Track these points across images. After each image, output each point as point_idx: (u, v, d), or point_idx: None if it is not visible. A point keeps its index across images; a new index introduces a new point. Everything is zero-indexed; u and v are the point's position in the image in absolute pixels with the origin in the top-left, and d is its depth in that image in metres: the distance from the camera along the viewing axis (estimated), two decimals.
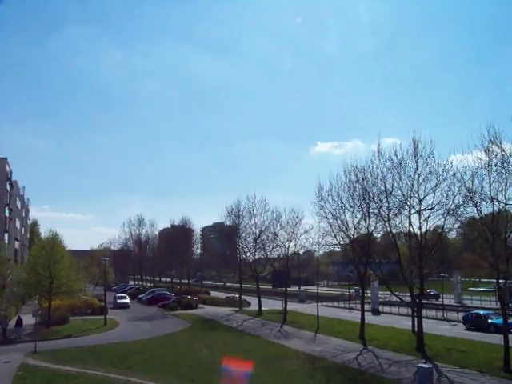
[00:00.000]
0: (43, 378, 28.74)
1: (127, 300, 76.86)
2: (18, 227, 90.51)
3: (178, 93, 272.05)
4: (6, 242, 65.88)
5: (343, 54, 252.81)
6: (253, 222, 64.79)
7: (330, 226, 44.50)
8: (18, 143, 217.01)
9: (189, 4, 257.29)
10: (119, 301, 75.43)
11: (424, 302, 41.08)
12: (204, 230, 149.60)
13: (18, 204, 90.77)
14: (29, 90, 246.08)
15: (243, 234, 67.37)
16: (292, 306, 62.79)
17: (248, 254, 67.39)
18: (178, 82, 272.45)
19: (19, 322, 46.45)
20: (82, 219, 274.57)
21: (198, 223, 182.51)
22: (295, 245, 59.54)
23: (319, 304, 54.50)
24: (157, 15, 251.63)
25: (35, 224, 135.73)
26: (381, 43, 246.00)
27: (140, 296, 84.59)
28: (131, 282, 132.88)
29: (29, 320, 48.68)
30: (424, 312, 41.76)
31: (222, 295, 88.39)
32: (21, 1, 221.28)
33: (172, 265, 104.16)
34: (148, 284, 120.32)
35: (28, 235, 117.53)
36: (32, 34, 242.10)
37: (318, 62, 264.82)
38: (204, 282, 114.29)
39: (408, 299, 39.78)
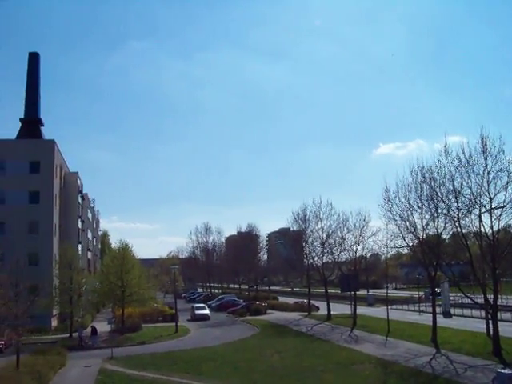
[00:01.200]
0: (121, 382, 29.73)
1: (207, 311, 69.38)
2: (90, 238, 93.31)
3: (238, 100, 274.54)
4: (80, 252, 67.92)
5: (402, 54, 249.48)
6: (319, 226, 64.62)
7: (398, 227, 43.75)
8: (87, 157, 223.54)
9: (243, 12, 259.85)
10: (198, 312, 68.18)
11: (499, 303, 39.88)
12: (270, 235, 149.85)
13: (90, 216, 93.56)
14: (93, 105, 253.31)
15: (310, 239, 67.24)
16: (361, 310, 62.19)
17: (316, 259, 67.19)
18: (237, 89, 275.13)
19: (94, 331, 47.89)
20: (149, 229, 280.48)
21: (264, 229, 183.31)
22: (363, 248, 58.98)
23: (388, 307, 53.80)
24: (213, 25, 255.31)
25: (105, 235, 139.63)
26: (442, 41, 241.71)
27: (209, 303, 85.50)
28: (200, 289, 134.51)
29: (104, 327, 50.12)
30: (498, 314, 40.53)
31: (290, 300, 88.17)
32: (82, 19, 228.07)
33: (239, 271, 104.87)
34: (216, 291, 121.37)
35: (99, 246, 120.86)
36: (94, 51, 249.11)
37: (376, 63, 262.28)
38: (271, 288, 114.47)
39: (481, 301, 38.77)
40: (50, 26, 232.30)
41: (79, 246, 70.15)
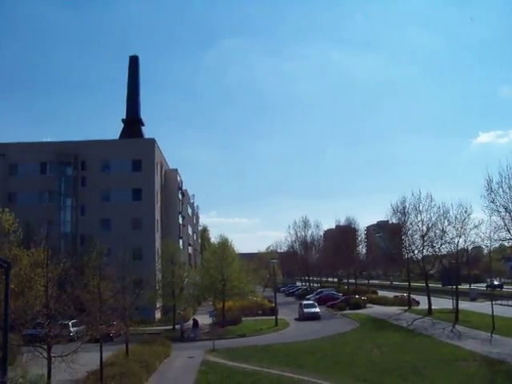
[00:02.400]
0: (223, 373, 30.36)
1: (317, 309, 61.44)
2: (190, 233, 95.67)
3: (331, 94, 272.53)
4: (181, 247, 69.84)
5: (500, 38, 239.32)
6: (419, 218, 63.22)
7: (502, 219, 42.28)
8: (185, 154, 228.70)
9: (334, 4, 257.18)
10: (307, 310, 60.94)
11: None
12: (368, 228, 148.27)
13: (189, 211, 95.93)
14: (190, 103, 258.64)
15: (409, 232, 66.03)
16: (462, 305, 60.45)
17: (415, 252, 65.95)
18: (330, 82, 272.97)
19: (196, 323, 49.23)
20: (248, 223, 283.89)
21: (362, 222, 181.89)
22: (465, 241, 57.24)
23: (493, 302, 52.01)
24: (304, 19, 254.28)
25: (205, 230, 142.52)
26: None
27: (308, 297, 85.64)
28: (298, 283, 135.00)
29: (204, 320, 51.40)
30: None
31: (390, 294, 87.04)
32: (176, 21, 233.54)
33: (338, 265, 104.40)
34: (315, 284, 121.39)
35: (199, 240, 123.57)
36: (189, 51, 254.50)
37: (473, 49, 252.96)
38: (370, 282, 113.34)
39: None
40: (147, 30, 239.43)
41: (180, 241, 72.08)
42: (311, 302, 66.65)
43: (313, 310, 60.93)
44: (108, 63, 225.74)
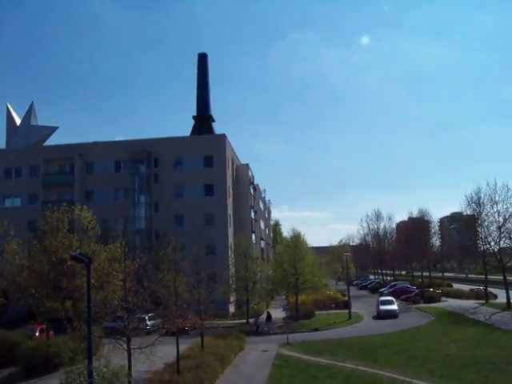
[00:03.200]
0: (297, 366, 30.61)
1: (394, 306, 56.75)
2: (263, 227, 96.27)
3: (400, 83, 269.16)
4: (254, 241, 70.42)
5: None
6: (495, 209, 61.46)
7: None
8: (256, 149, 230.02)
9: None
10: (383, 307, 56.19)
11: None
12: (442, 220, 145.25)
13: (261, 206, 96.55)
14: (259, 98, 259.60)
15: (485, 223, 64.27)
16: None
17: (492, 244, 64.13)
18: (398, 72, 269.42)
19: (269, 317, 49.62)
20: (319, 217, 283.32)
21: (436, 214, 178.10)
22: None
23: None
24: (370, 9, 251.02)
25: (277, 224, 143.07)
26: None
27: (381, 290, 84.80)
28: (371, 276, 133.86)
29: (278, 314, 51.74)
30: None
31: (465, 287, 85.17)
32: (243, 16, 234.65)
33: (411, 257, 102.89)
34: (388, 278, 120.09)
35: (271, 235, 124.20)
36: (256, 45, 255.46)
37: None
38: (445, 274, 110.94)
39: None
40: (214, 27, 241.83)
41: (253, 236, 72.69)
42: (389, 298, 61.57)
43: (389, 307, 56.26)
44: (177, 61, 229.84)
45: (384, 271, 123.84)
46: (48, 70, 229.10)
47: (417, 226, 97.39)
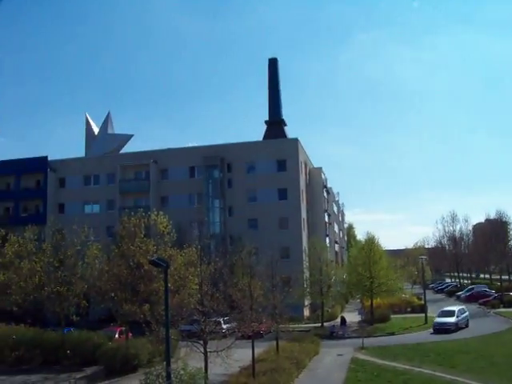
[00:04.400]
0: (373, 371, 30.30)
1: (451, 319, 47.54)
2: (336, 231, 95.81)
3: (474, 81, 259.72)
4: (328, 245, 70.14)
5: None
6: None
7: None
8: (328, 152, 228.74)
9: None
10: (438, 320, 48.27)
11: None
12: None
13: (335, 209, 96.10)
14: (329, 101, 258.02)
15: None
16: None
17: None
18: (472, 70, 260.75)
19: (344, 321, 49.33)
20: (393, 219, 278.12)
21: None
22: None
23: None
24: (439, 6, 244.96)
25: (351, 227, 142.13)
26: None
27: (458, 294, 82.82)
28: (447, 280, 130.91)
29: (352, 318, 51.38)
30: None
31: None
32: (311, 20, 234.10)
33: (489, 260, 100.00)
34: (465, 281, 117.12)
35: (345, 238, 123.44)
36: (324, 48, 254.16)
37: None
38: None
39: None
40: (282, 32, 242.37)
41: (327, 239, 72.41)
42: (449, 308, 51.12)
43: (445, 319, 47.89)
44: (247, 67, 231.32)
45: (461, 274, 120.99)
46: (122, 80, 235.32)
47: (495, 228, 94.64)
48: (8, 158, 75.86)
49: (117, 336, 37.54)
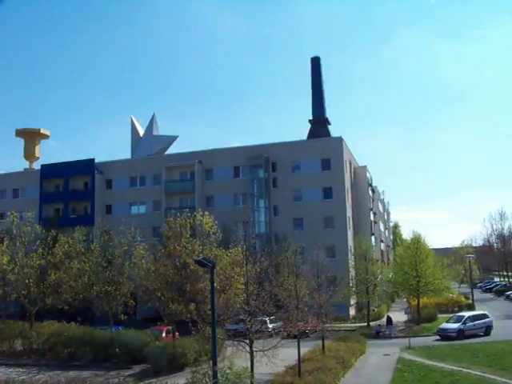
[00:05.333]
0: (419, 372, 29.90)
1: (454, 325, 44.66)
2: (382, 229, 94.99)
3: None
4: (373, 244, 69.66)
5: None
6: None
7: None
8: (373, 150, 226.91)
9: None
10: (442, 326, 46.20)
11: None
12: None
13: (380, 208, 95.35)
14: (373, 98, 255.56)
15: None
16: None
17: None
18: None
19: (390, 321, 48.93)
20: (439, 217, 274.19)
21: None
22: None
23: None
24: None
25: (396, 226, 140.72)
26: None
27: (508, 293, 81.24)
28: (496, 279, 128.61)
29: (398, 317, 50.92)
30: None
31: None
32: (352, 18, 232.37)
33: None
34: None
35: (391, 237, 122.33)
36: (366, 46, 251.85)
37: None
38: None
39: None
40: (324, 30, 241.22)
41: (372, 238, 71.89)
42: (462, 314, 48.34)
43: (447, 326, 45.41)
44: (290, 66, 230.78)
45: (510, 273, 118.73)
46: (166, 81, 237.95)
47: None
48: (58, 160, 77.84)
49: (164, 335, 38.04)
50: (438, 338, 44.64)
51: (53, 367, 34.01)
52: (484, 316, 46.66)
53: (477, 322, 45.26)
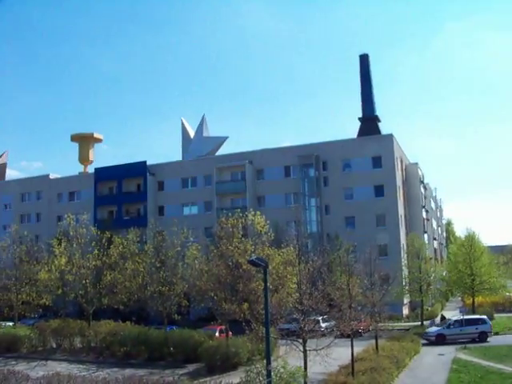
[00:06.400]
0: (476, 373, 29.28)
1: (433, 329, 44.37)
2: (435, 227, 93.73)
3: None
4: (426, 241, 68.77)
5: None
6: None
7: None
8: (424, 147, 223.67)
9: None
10: (427, 329, 45.54)
11: None
12: None
13: (433, 205, 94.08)
14: (421, 94, 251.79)
15: None
16: None
17: None
18: None
19: (444, 320, 48.08)
20: (494, 214, 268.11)
21: None
22: None
23: None
24: None
25: (449, 223, 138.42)
26: None
27: None
28: None
29: (454, 317, 50.04)
30: None
31: None
32: (397, 12, 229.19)
33: None
34: None
35: (444, 234, 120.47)
36: (413, 41, 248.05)
37: None
38: None
39: None
40: (371, 27, 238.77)
41: (425, 236, 70.96)
42: (459, 318, 44.49)
43: (430, 329, 44.84)
44: (337, 64, 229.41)
45: None
46: (215, 82, 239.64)
47: None
48: (110, 164, 79.43)
49: (217, 334, 38.40)
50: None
51: (110, 365, 35.01)
52: (478, 321, 43.57)
53: (466, 327, 42.40)
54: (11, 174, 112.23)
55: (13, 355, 39.90)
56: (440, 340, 41.65)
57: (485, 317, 45.18)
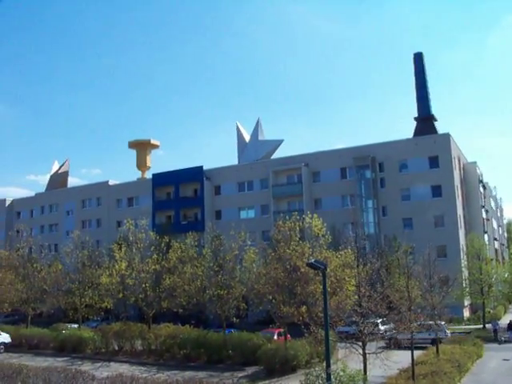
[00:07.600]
0: None
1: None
2: (495, 227, 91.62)
3: None
4: (487, 242, 67.38)
5: None
6: None
7: None
8: (482, 145, 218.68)
9: None
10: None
11: None
12: None
13: (492, 205, 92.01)
14: (478, 91, 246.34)
15: None
16: None
17: None
18: None
19: (511, 325, 46.58)
20: None
21: None
22: None
23: None
24: None
25: (510, 223, 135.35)
26: None
27: None
28: None
29: None
30: None
31: None
32: (451, 8, 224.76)
33: None
34: None
35: (505, 234, 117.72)
36: (468, 36, 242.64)
37: None
38: None
39: None
40: (425, 24, 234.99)
41: (485, 236, 69.54)
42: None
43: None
44: (391, 64, 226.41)
45: None
46: (269, 86, 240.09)
47: None
48: (167, 169, 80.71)
49: (276, 337, 38.45)
50: None
51: (170, 367, 35.45)
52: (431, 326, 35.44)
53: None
54: (72, 181, 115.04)
55: (78, 355, 41.22)
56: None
57: (442, 323, 42.08)
